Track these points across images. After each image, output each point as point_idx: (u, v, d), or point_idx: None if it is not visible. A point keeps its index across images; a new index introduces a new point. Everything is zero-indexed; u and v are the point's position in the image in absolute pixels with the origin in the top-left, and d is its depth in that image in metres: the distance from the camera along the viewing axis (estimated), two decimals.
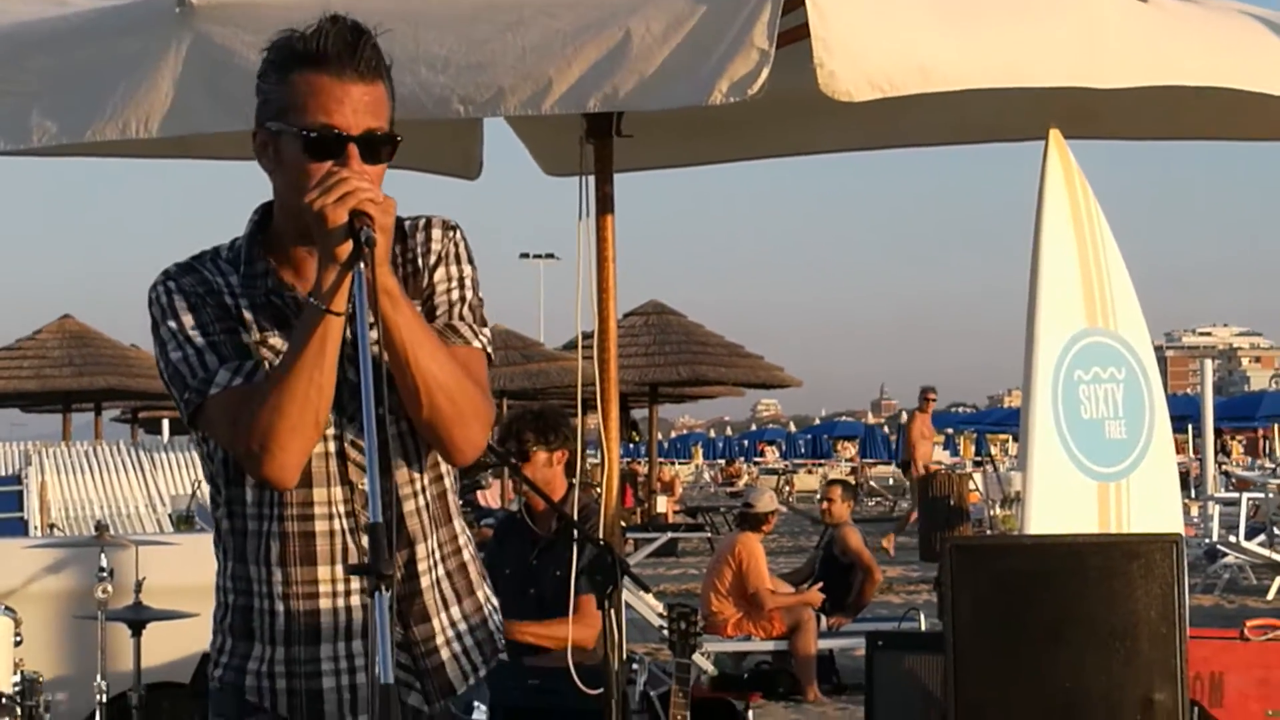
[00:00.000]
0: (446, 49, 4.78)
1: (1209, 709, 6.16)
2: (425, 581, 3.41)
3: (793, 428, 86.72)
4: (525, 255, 63.85)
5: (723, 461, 65.69)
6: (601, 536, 5.86)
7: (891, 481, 51.30)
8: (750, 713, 7.00)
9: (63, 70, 5.06)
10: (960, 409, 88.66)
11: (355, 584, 3.32)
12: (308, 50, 3.19)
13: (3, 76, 5.11)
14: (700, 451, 78.22)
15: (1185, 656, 5.05)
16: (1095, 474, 6.00)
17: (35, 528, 15.44)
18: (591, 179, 6.21)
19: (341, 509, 3.32)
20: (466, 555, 3.53)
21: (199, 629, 6.99)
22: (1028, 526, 5.80)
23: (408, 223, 3.41)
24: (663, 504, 31.46)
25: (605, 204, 6.26)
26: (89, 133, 4.99)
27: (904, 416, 70.33)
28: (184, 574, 7.31)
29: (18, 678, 6.70)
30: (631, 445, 42.17)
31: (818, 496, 24.30)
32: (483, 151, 7.16)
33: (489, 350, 3.41)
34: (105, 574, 6.80)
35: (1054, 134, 6.04)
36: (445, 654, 3.45)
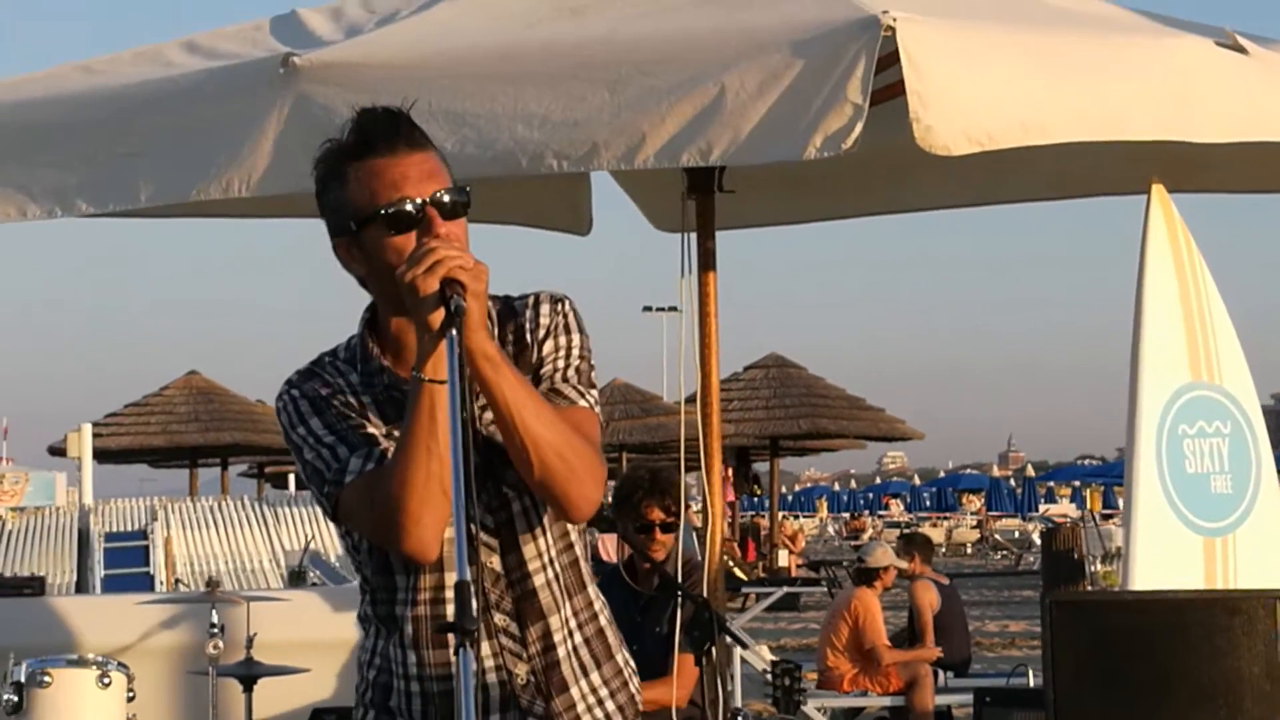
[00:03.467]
0: (545, 107, 4.82)
1: None
2: (562, 652, 3.45)
3: (917, 480, 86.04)
4: (648, 309, 63.89)
5: (847, 515, 65.46)
6: (704, 593, 5.87)
7: (1017, 535, 50.87)
8: None
9: (169, 131, 5.16)
10: (1088, 460, 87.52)
11: (488, 662, 3.37)
12: (355, 143, 3.26)
13: (110, 138, 5.22)
14: (825, 505, 77.92)
15: None
16: (1200, 529, 5.95)
17: (161, 583, 15.61)
18: (694, 235, 6.25)
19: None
20: (603, 620, 3.55)
21: (310, 684, 7.10)
22: (1132, 582, 5.75)
23: (518, 301, 3.45)
24: (784, 558, 31.41)
25: (707, 259, 6.29)
26: (194, 192, 5.09)
27: (1029, 470, 69.77)
28: (295, 629, 7.41)
29: None
30: (754, 499, 42.10)
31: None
32: (592, 208, 7.21)
33: (597, 410, 3.43)
34: (216, 630, 6.88)
35: (1156, 188, 6.01)
36: None
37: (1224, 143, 5.19)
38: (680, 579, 6.52)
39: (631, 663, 3.65)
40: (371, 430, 3.33)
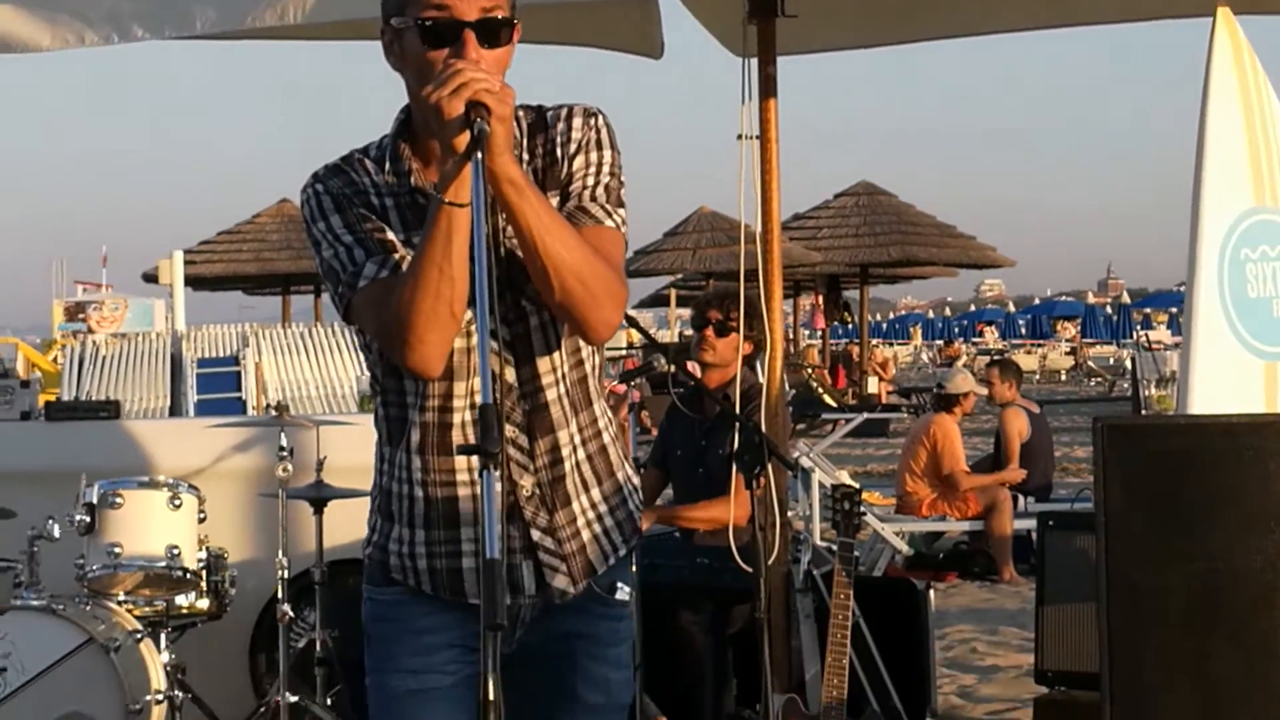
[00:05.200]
0: None
1: None
2: (568, 465, 3.49)
3: (1012, 308, 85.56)
4: (741, 136, 63.49)
5: (940, 342, 65.23)
6: (762, 418, 5.91)
7: (1111, 361, 50.61)
8: (931, 593, 6.98)
9: None
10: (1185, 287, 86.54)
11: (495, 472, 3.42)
12: None
13: None
14: (919, 332, 77.71)
15: None
16: (1263, 353, 5.90)
17: (252, 408, 15.79)
18: (754, 61, 6.21)
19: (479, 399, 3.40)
20: (607, 438, 3.59)
21: None
22: (1191, 405, 5.72)
23: (550, 112, 3.45)
24: (874, 385, 31.42)
25: (769, 86, 6.26)
26: (249, 19, 5.11)
27: (1126, 297, 69.17)
28: (365, 453, 7.44)
29: (203, 554, 6.91)
30: (846, 326, 42.03)
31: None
32: (661, 30, 7.16)
33: (624, 229, 3.45)
34: (285, 453, 6.95)
35: (1222, 11, 5.89)
36: (586, 535, 3.53)
37: None
38: (740, 404, 6.57)
39: (634, 480, 3.68)
40: (390, 236, 3.36)
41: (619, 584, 3.62)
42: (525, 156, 3.41)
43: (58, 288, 39.49)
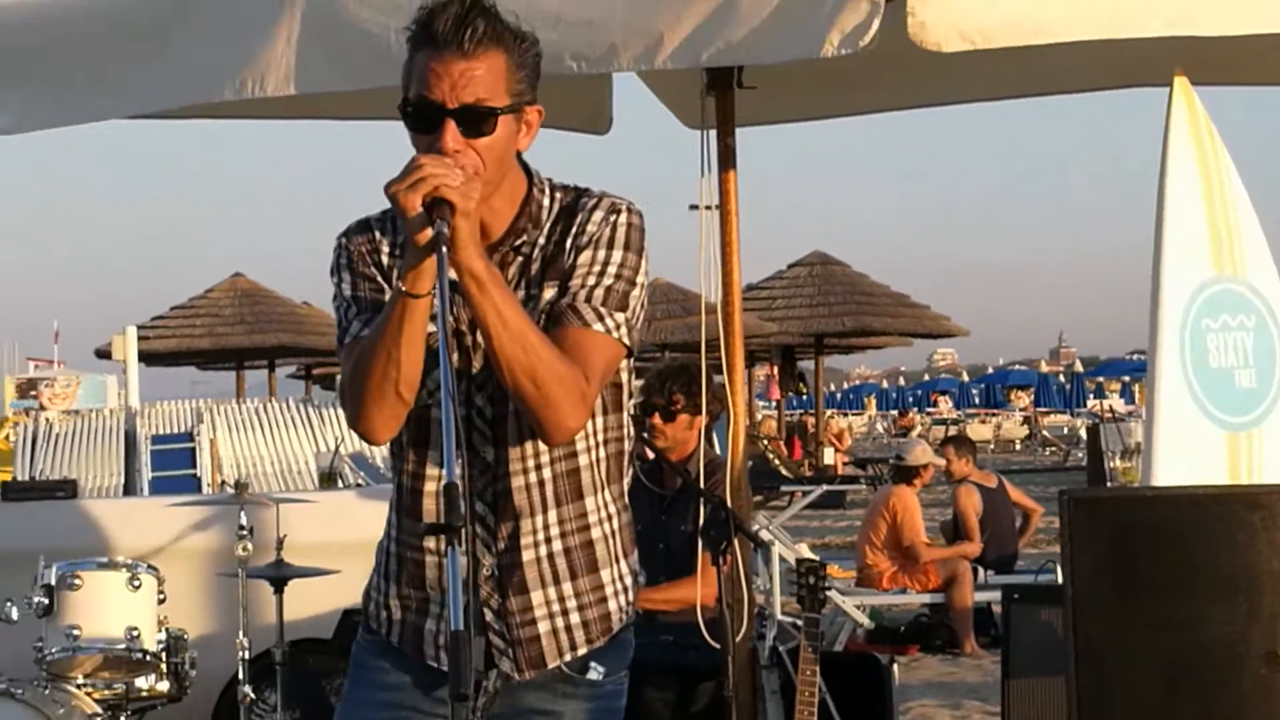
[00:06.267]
0: (557, 6, 4.79)
1: None
2: (528, 555, 3.48)
3: (966, 377, 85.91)
4: (694, 207, 63.69)
5: (895, 412, 65.41)
6: (726, 493, 5.87)
7: (1066, 430, 50.77)
8: (895, 667, 6.95)
9: (191, 33, 5.16)
10: (1138, 355, 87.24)
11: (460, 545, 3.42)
12: (421, 27, 3.29)
13: (129, 42, 5.23)
14: (874, 402, 77.91)
15: None
16: (1224, 424, 5.89)
17: (207, 485, 15.71)
18: (713, 133, 6.21)
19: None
20: (597, 534, 3.56)
21: (341, 585, 7.14)
22: (1154, 477, 5.71)
23: (584, 199, 3.47)
24: (830, 456, 31.41)
25: (727, 158, 6.25)
26: (209, 93, 5.09)
27: (1078, 365, 69.46)
28: (325, 531, 7.43)
29: (163, 635, 6.83)
30: (800, 397, 42.07)
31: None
32: (612, 105, 7.16)
33: (618, 336, 3.40)
34: (245, 532, 6.91)
35: (1179, 80, 5.91)
36: (544, 627, 3.52)
37: (1244, 35, 5.11)
38: (703, 478, 6.54)
39: (626, 579, 3.64)
40: (385, 298, 3.39)
41: (592, 664, 3.59)
42: (541, 241, 3.42)
43: (9, 364, 39.29)
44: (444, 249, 3.03)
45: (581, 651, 3.57)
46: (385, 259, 3.44)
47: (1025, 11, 4.64)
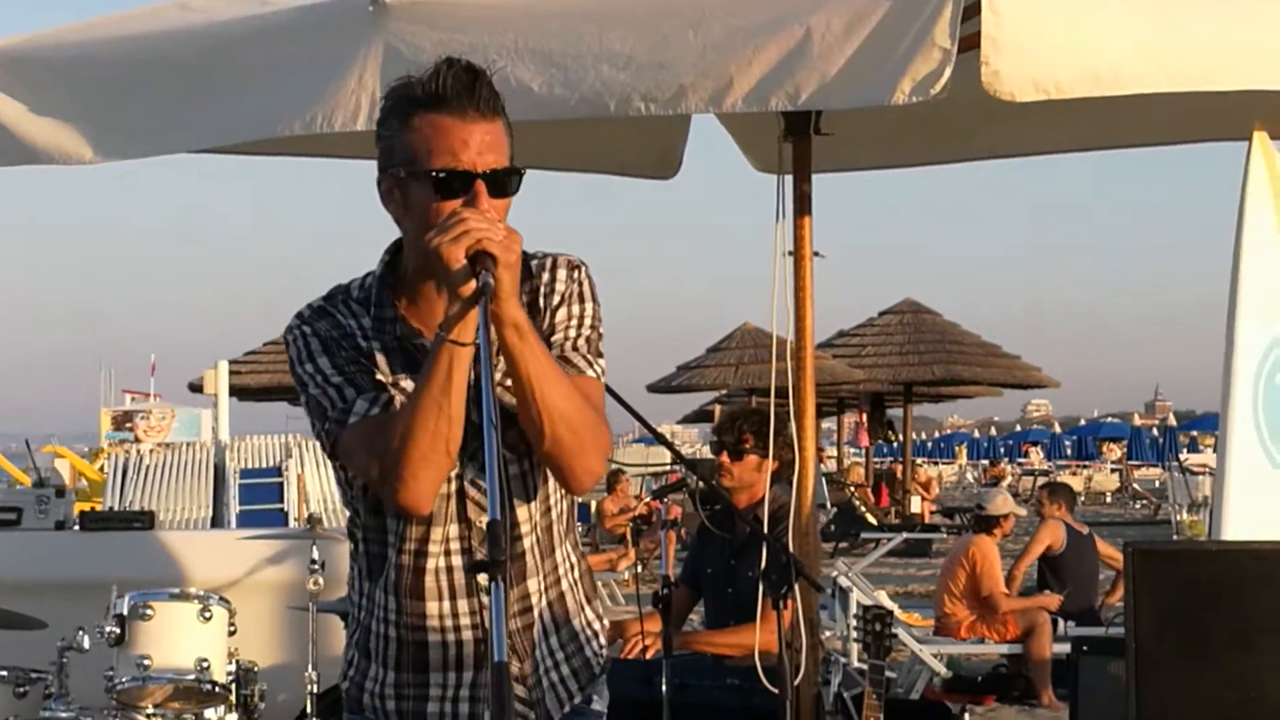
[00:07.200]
0: (629, 47, 4.81)
1: None
2: (534, 614, 3.53)
3: (1058, 428, 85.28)
4: (790, 253, 63.73)
5: (986, 462, 64.99)
6: (790, 538, 5.88)
7: (1157, 484, 50.27)
8: (968, 716, 6.92)
9: (259, 68, 5.22)
10: None
11: (465, 619, 3.46)
12: (428, 93, 3.27)
13: (199, 76, 5.29)
14: (964, 451, 77.46)
15: None
16: None
17: (294, 519, 15.83)
18: (789, 178, 6.23)
19: (455, 545, 3.43)
20: (565, 584, 3.60)
21: None
22: (1224, 531, 5.68)
23: (534, 261, 3.49)
24: (917, 504, 31.28)
25: (803, 203, 6.27)
26: (280, 128, 5.14)
27: (1172, 419, 68.89)
28: None
29: (233, 667, 6.90)
30: (890, 445, 41.92)
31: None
32: (684, 149, 7.18)
33: (603, 379, 3.50)
34: (317, 566, 6.97)
35: (1258, 135, 5.89)
36: (545, 683, 3.56)
37: None
38: (770, 524, 6.54)
39: (594, 625, 3.68)
40: (380, 377, 3.38)
41: (594, 696, 3.68)
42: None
43: (105, 396, 39.71)
44: (487, 300, 3.05)
45: (578, 700, 3.62)
46: (361, 341, 3.41)
47: (1100, 62, 4.61)
